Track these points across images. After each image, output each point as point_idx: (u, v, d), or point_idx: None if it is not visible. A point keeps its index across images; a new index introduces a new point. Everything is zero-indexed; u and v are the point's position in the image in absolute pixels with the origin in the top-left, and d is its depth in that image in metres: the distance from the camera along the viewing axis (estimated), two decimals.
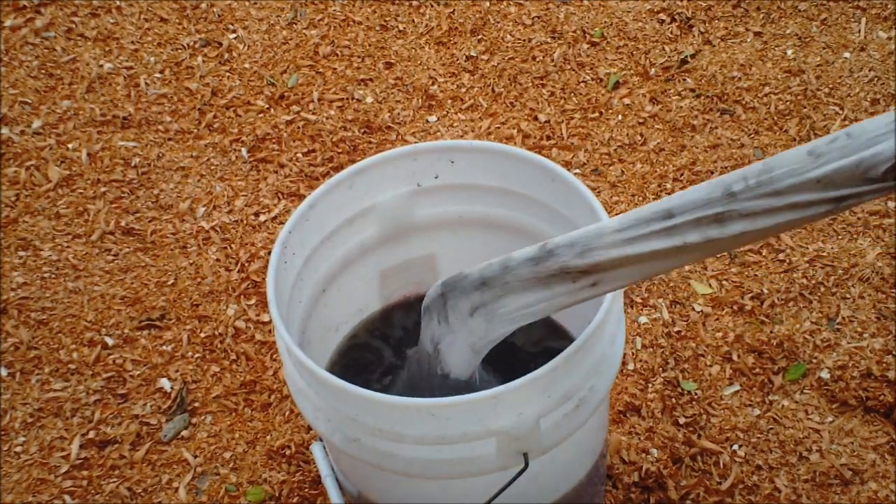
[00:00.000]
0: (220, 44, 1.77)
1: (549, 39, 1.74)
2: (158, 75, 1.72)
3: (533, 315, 0.71)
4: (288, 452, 1.21)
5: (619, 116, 1.59)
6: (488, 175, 0.91)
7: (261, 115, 1.65)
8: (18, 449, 1.23)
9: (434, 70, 1.70)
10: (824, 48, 1.66)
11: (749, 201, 0.49)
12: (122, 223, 1.49)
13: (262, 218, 1.48)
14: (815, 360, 1.24)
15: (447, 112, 1.63)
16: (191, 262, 1.43)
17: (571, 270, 0.63)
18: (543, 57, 1.71)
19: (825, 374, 1.22)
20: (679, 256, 0.55)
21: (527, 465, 0.71)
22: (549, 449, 0.73)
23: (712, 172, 1.47)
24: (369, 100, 1.66)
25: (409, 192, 0.93)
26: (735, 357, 1.25)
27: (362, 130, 1.60)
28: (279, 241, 0.82)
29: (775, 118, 1.56)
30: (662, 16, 1.76)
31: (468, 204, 0.94)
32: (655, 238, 0.55)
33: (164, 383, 1.29)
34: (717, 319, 1.30)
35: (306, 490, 1.17)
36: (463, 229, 0.98)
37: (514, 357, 0.92)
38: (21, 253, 1.45)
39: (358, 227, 0.93)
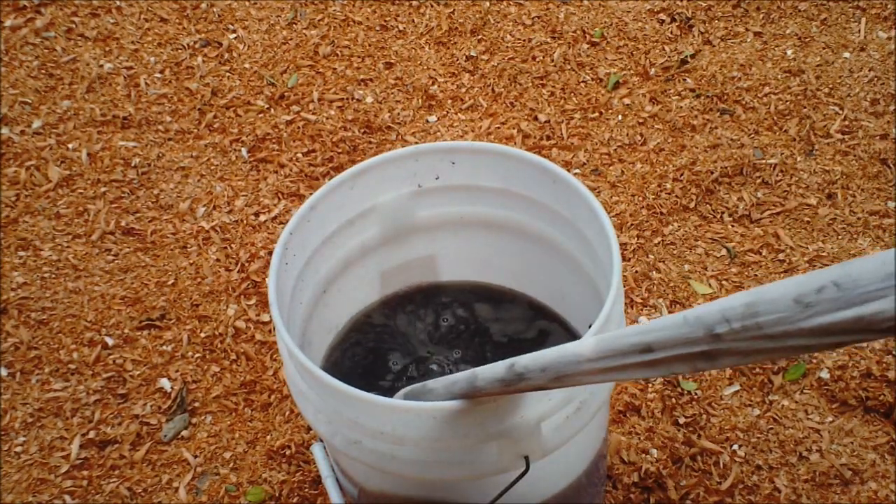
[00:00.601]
0: (220, 44, 1.77)
1: (549, 39, 1.74)
2: (158, 75, 1.72)
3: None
4: (288, 452, 1.21)
5: (619, 116, 1.59)
6: (489, 176, 0.91)
7: (261, 115, 1.65)
8: (18, 449, 1.23)
9: (434, 70, 1.70)
10: (824, 48, 1.66)
11: (737, 342, 0.46)
12: (122, 223, 1.49)
13: (262, 218, 1.48)
14: (815, 360, 1.24)
15: (447, 112, 1.63)
16: (191, 262, 1.43)
17: (547, 388, 0.62)
18: (543, 57, 1.71)
19: (825, 374, 1.22)
20: (663, 374, 0.53)
21: (528, 467, 0.71)
22: (551, 452, 0.73)
23: (712, 172, 1.47)
24: (369, 100, 1.66)
25: (410, 192, 0.93)
26: None
27: (362, 130, 1.60)
28: (280, 242, 0.82)
29: (775, 118, 1.56)
30: (662, 16, 1.76)
31: (469, 205, 0.94)
32: (635, 368, 0.53)
33: (164, 383, 1.29)
34: None
35: (306, 490, 1.17)
36: (464, 230, 0.98)
37: (516, 353, 0.92)
38: (21, 253, 1.45)
39: (359, 228, 0.93)
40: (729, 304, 0.46)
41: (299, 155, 1.57)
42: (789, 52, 1.66)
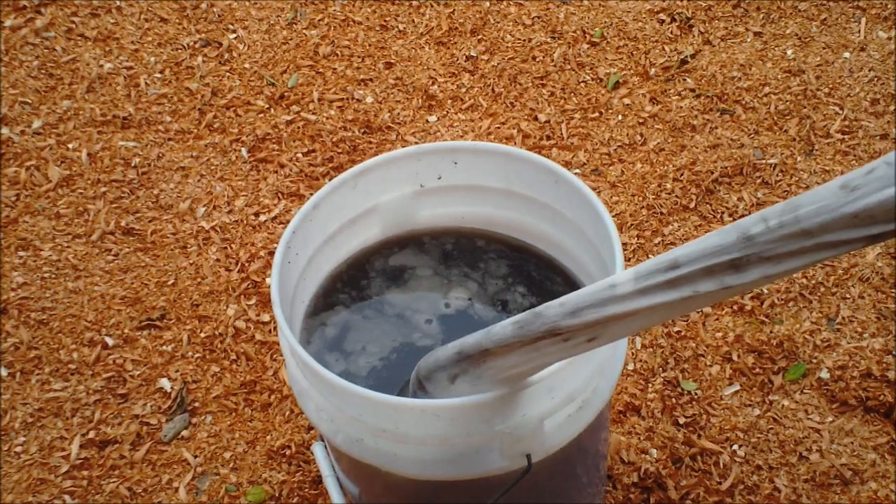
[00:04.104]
0: (220, 44, 1.77)
1: (549, 39, 1.74)
2: (158, 75, 1.72)
3: (524, 374, 0.65)
4: (288, 452, 1.21)
5: (619, 116, 1.59)
6: (491, 176, 0.91)
7: (261, 115, 1.64)
8: (18, 449, 1.23)
9: (434, 70, 1.70)
10: (824, 48, 1.66)
11: (771, 244, 0.43)
12: (122, 223, 1.48)
13: (262, 218, 1.48)
14: (815, 360, 1.24)
15: (447, 112, 1.63)
16: (191, 262, 1.43)
17: (562, 331, 0.57)
18: (543, 57, 1.71)
19: (825, 374, 1.22)
20: (688, 305, 0.49)
21: (530, 465, 0.71)
22: (553, 450, 0.73)
23: (712, 172, 1.47)
24: (369, 100, 1.66)
25: (412, 192, 0.93)
26: (735, 357, 1.25)
27: (362, 130, 1.60)
28: (283, 241, 0.82)
29: (775, 118, 1.56)
30: (662, 16, 1.76)
31: (471, 205, 0.94)
32: (659, 291, 0.49)
33: (164, 383, 1.29)
34: (717, 319, 1.30)
35: (306, 490, 1.17)
36: (465, 230, 0.98)
37: None
38: (21, 253, 1.45)
39: (361, 228, 0.93)
40: (771, 207, 0.44)
41: (299, 155, 1.57)
42: (789, 52, 1.66)
